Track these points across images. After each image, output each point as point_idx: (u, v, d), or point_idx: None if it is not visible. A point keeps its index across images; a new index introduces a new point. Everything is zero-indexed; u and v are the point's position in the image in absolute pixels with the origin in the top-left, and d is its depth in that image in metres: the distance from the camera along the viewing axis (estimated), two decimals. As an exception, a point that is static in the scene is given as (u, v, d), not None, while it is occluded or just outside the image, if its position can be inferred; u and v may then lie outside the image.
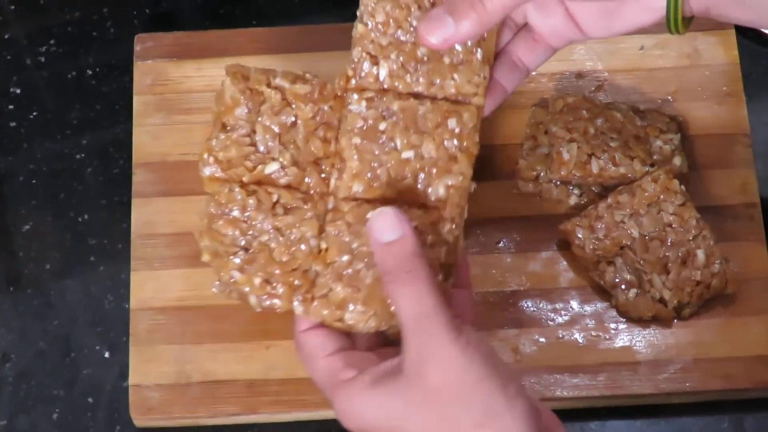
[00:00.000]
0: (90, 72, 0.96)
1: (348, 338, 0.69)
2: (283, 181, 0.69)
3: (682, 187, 0.85)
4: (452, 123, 0.69)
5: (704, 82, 0.92)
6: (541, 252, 0.88)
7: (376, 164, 0.69)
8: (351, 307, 0.68)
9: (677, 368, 0.84)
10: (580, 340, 0.85)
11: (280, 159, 0.69)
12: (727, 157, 0.90)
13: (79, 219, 0.91)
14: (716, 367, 0.84)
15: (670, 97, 0.91)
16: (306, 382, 0.84)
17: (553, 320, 0.86)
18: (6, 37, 0.97)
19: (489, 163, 0.90)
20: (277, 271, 0.69)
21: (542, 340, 0.85)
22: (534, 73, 0.91)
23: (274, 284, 0.69)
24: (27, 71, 0.96)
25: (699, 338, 0.85)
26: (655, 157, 0.87)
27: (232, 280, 0.69)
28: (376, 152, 0.69)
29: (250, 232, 0.69)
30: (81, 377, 0.87)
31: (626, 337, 0.85)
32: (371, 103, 0.69)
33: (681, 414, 0.85)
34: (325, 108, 0.70)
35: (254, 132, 0.69)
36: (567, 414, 0.85)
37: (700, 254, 0.84)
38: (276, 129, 0.69)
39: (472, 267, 0.87)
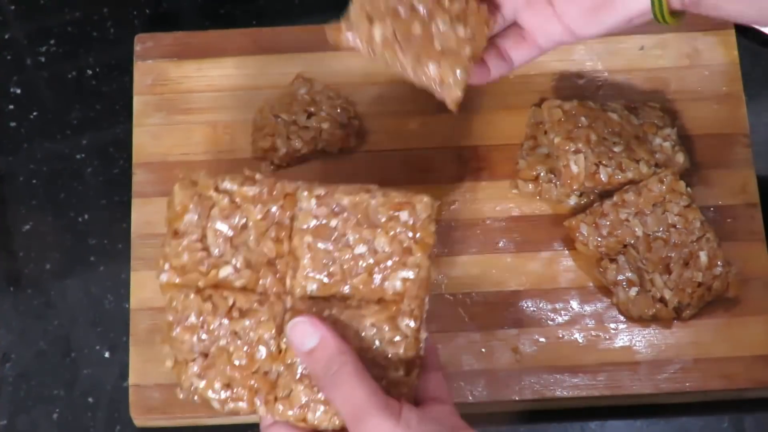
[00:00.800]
0: (90, 72, 0.96)
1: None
2: (238, 283, 0.69)
3: (689, 189, 0.85)
4: (404, 216, 0.68)
5: (704, 82, 0.92)
6: (541, 252, 0.88)
7: (329, 261, 0.68)
8: (313, 407, 0.68)
9: (677, 368, 0.84)
10: (580, 340, 0.85)
11: (233, 262, 0.69)
12: (727, 157, 0.90)
13: (79, 219, 0.91)
14: (716, 367, 0.84)
15: (670, 97, 0.91)
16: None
17: (553, 320, 0.86)
18: (6, 37, 0.97)
19: (489, 163, 0.90)
20: (237, 375, 0.68)
21: (542, 340, 0.85)
22: (534, 73, 0.92)
23: (236, 388, 0.69)
24: (27, 71, 0.96)
25: (699, 338, 0.85)
26: (657, 156, 0.87)
27: (193, 387, 0.69)
28: (330, 249, 0.68)
29: (208, 338, 0.69)
30: (81, 377, 0.87)
31: (626, 337, 0.85)
32: (321, 200, 0.68)
33: (681, 414, 0.85)
34: (274, 209, 0.69)
35: (205, 237, 0.69)
36: (567, 414, 0.85)
37: (703, 256, 0.84)
38: (227, 232, 0.69)
39: (473, 267, 0.87)
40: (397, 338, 0.67)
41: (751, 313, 0.86)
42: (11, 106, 0.94)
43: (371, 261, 0.68)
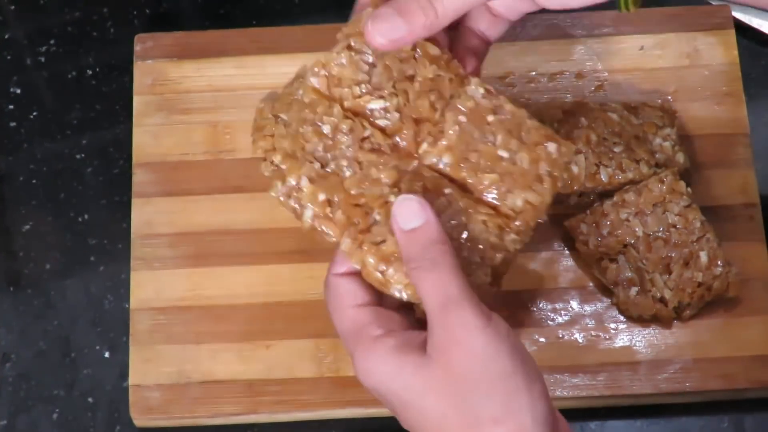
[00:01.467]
0: (90, 72, 0.96)
1: (379, 295, 0.68)
2: (380, 122, 0.69)
3: (689, 189, 0.85)
4: (552, 148, 0.69)
5: (704, 82, 0.92)
6: (541, 252, 0.88)
7: (470, 147, 0.69)
8: (397, 264, 0.67)
9: (677, 368, 0.84)
10: (580, 340, 0.85)
11: (387, 100, 0.69)
12: (727, 157, 0.90)
13: (79, 219, 0.91)
14: (716, 367, 0.84)
15: (670, 97, 0.91)
16: (306, 382, 0.84)
17: (553, 320, 0.86)
18: (6, 37, 0.97)
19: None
20: (343, 199, 0.68)
21: (542, 340, 0.85)
22: (533, 73, 0.92)
23: (335, 210, 0.68)
24: (27, 71, 0.96)
25: (699, 338, 0.85)
26: (657, 156, 0.87)
27: (297, 186, 0.68)
28: (475, 136, 0.69)
29: (332, 152, 0.68)
30: (81, 377, 0.87)
31: (626, 337, 0.85)
32: (488, 94, 0.70)
33: (681, 414, 0.85)
34: (446, 78, 0.69)
35: (374, 66, 0.69)
36: (567, 414, 0.85)
37: (703, 256, 0.84)
38: (395, 73, 0.69)
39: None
40: (499, 247, 0.68)
41: (751, 313, 0.86)
42: (11, 106, 0.94)
43: (507, 168, 0.69)
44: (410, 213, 0.65)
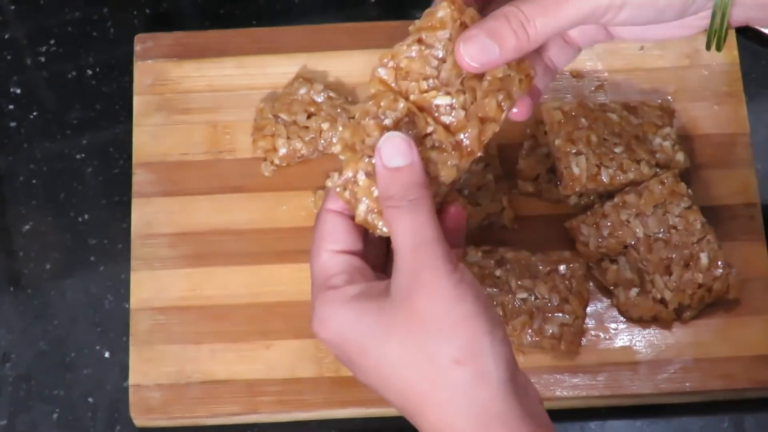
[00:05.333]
0: (90, 72, 0.96)
1: (361, 244, 0.67)
2: (444, 119, 0.67)
3: (689, 190, 0.85)
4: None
5: (704, 82, 0.92)
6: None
7: None
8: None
9: (677, 368, 0.84)
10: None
11: (454, 98, 0.67)
12: (727, 157, 0.90)
13: (79, 219, 0.91)
14: (716, 367, 0.84)
15: (670, 97, 0.91)
16: (306, 382, 0.84)
17: (553, 320, 0.86)
18: (6, 37, 0.97)
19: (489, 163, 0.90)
20: None
21: (542, 340, 0.85)
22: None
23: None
24: (27, 71, 0.96)
25: (699, 338, 0.85)
26: (657, 156, 0.87)
27: (354, 179, 0.66)
28: None
29: None
30: (81, 377, 0.87)
31: (626, 337, 0.85)
32: None
33: (681, 414, 0.85)
34: (516, 79, 0.67)
35: (444, 61, 0.67)
36: (567, 414, 0.85)
37: (704, 257, 0.84)
38: (464, 70, 0.67)
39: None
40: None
41: (751, 314, 0.86)
42: (11, 106, 0.94)
43: None
44: (396, 151, 0.64)
